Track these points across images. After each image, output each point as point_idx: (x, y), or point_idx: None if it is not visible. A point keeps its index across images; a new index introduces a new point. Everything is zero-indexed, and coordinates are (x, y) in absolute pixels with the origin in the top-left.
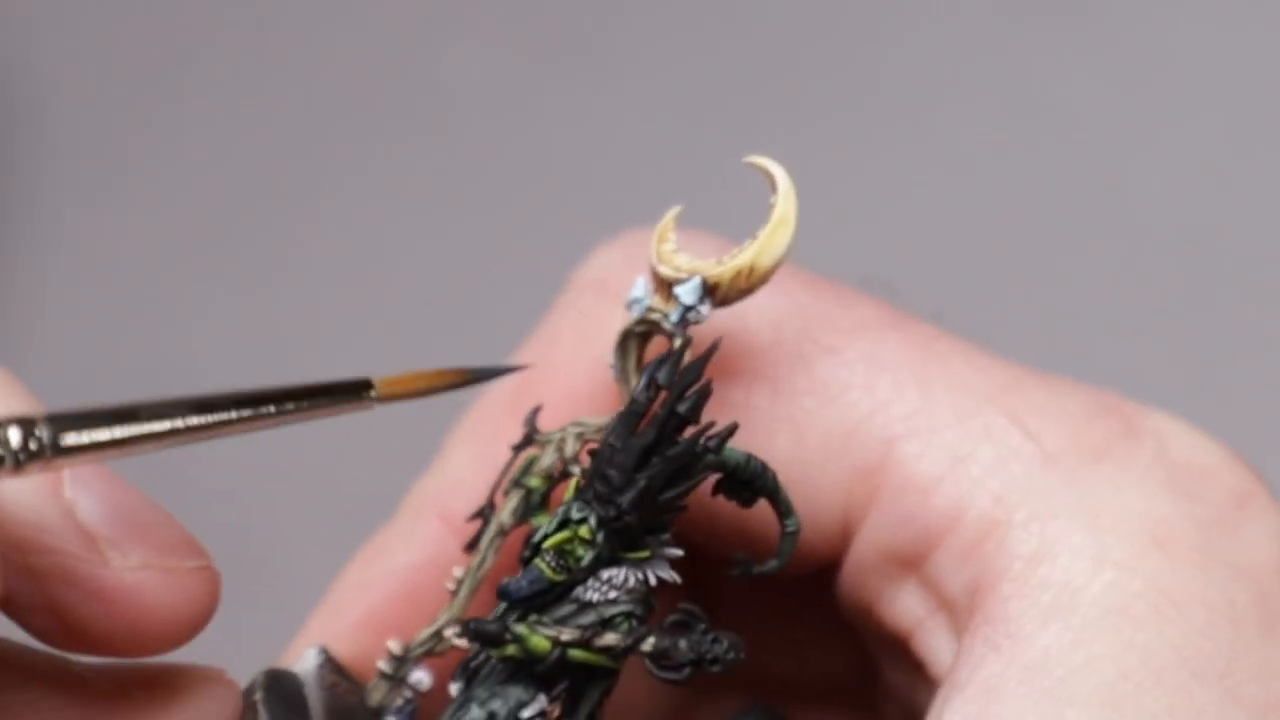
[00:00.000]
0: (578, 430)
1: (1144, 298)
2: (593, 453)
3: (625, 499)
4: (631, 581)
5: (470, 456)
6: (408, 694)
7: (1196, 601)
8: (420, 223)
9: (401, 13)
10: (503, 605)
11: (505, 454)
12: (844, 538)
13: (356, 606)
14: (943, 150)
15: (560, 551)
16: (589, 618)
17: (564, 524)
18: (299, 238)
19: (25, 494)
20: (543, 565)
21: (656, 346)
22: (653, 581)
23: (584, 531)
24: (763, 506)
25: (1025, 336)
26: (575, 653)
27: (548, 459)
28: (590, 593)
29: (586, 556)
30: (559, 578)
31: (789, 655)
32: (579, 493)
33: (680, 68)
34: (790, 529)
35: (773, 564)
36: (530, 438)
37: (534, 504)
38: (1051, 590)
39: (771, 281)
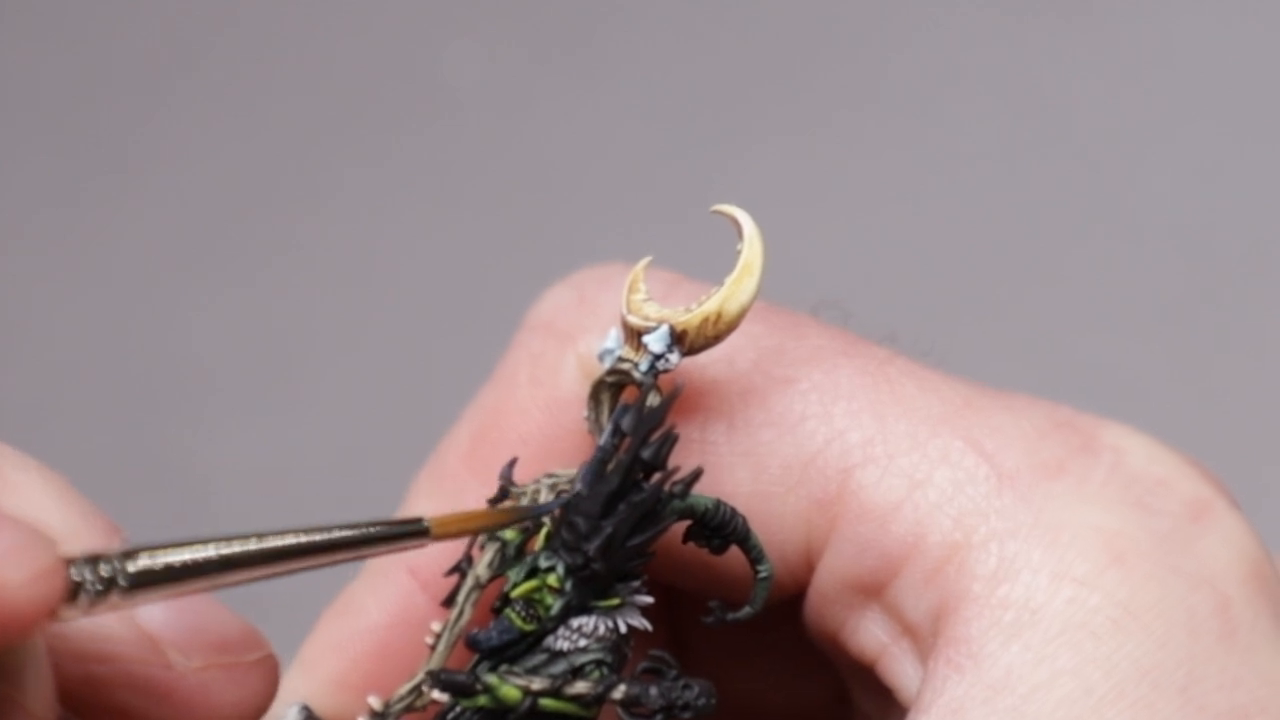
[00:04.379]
0: (551, 481)
1: (1138, 301)
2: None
3: (592, 546)
4: (602, 630)
5: (432, 509)
6: None
7: (1155, 613)
8: (420, 222)
9: (401, 12)
10: (476, 657)
11: (467, 504)
12: (808, 568)
13: (330, 666)
14: (934, 154)
15: (529, 600)
16: (560, 666)
17: (532, 573)
18: (298, 238)
19: None
20: (512, 615)
21: (630, 396)
22: (623, 629)
23: (552, 580)
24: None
25: (1023, 339)
26: (546, 702)
27: None
28: (561, 641)
29: (555, 605)
30: (529, 627)
31: (765, 686)
32: (548, 541)
33: (679, 67)
34: (763, 575)
35: (746, 611)
36: (505, 491)
37: (510, 557)
38: (1012, 609)
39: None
